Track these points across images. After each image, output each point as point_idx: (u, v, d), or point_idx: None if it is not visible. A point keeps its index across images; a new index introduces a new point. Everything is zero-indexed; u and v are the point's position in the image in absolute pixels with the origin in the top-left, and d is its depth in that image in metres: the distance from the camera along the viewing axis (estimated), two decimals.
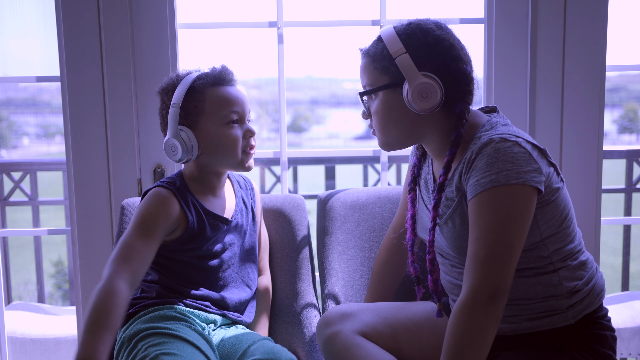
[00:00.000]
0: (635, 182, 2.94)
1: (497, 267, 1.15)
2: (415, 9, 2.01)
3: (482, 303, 1.14)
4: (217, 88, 1.47)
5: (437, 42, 1.27)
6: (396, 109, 1.29)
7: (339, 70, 22.47)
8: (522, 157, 1.18)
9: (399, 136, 1.32)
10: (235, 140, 1.46)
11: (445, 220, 1.30)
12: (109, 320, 1.22)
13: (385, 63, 1.29)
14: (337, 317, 1.38)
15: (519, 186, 1.16)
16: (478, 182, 1.19)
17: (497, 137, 1.20)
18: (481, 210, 1.17)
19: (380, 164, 1.99)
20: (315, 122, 21.63)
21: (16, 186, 3.04)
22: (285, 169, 1.99)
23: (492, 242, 1.16)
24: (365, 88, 1.33)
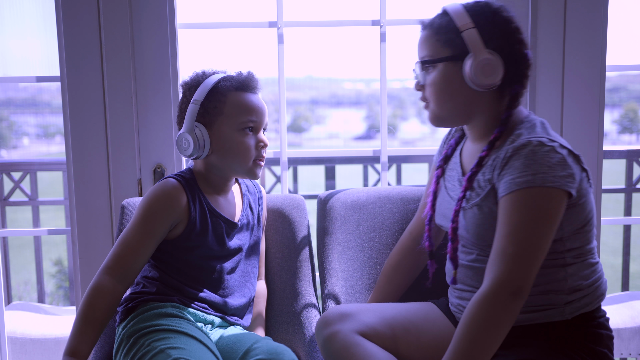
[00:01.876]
0: (635, 182, 2.94)
1: (523, 265, 1.18)
2: (415, 9, 2.01)
3: (504, 299, 1.17)
4: (239, 93, 1.48)
5: (504, 22, 1.32)
6: (454, 82, 1.32)
7: (339, 70, 22.47)
8: (558, 162, 1.21)
9: (452, 110, 1.35)
10: (246, 148, 1.47)
11: (471, 206, 1.32)
12: (93, 315, 1.34)
13: (450, 35, 1.31)
14: (336, 317, 1.38)
15: (553, 189, 1.20)
16: (514, 180, 1.21)
17: (536, 141, 1.23)
18: (514, 208, 1.20)
19: (380, 164, 1.99)
20: (315, 122, 21.64)
21: (16, 186, 3.04)
22: (285, 169, 1.99)
23: (522, 240, 1.18)
24: (425, 58, 1.35)
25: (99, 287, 1.36)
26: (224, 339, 1.46)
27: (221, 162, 1.49)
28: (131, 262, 1.40)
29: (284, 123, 1.95)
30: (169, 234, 1.46)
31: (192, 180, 1.50)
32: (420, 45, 1.38)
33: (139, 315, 1.42)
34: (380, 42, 1.93)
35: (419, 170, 4.65)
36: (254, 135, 1.49)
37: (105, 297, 1.36)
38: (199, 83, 1.48)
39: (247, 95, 1.49)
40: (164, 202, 1.43)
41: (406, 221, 1.74)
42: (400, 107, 22.09)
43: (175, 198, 1.44)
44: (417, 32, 1.41)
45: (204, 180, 1.52)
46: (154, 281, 1.48)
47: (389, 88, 1.96)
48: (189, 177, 1.50)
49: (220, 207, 1.53)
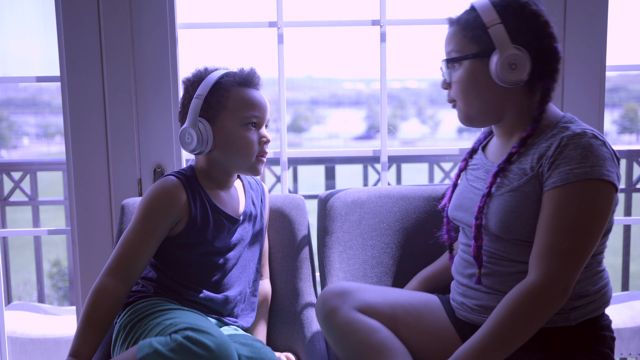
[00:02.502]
0: (635, 182, 2.94)
1: (575, 263, 1.17)
2: (415, 9, 2.01)
3: (552, 295, 1.16)
4: (242, 88, 1.49)
5: (533, 17, 1.30)
6: (481, 79, 1.31)
7: (339, 70, 22.47)
8: (609, 157, 1.21)
9: (480, 108, 1.33)
10: (249, 143, 1.47)
11: (502, 193, 1.29)
12: (95, 317, 1.35)
13: (477, 31, 1.30)
14: (336, 294, 1.37)
15: (608, 184, 1.19)
16: (572, 171, 1.19)
17: (591, 133, 1.22)
18: (571, 200, 1.18)
19: (380, 164, 1.99)
20: (315, 122, 21.65)
21: (16, 186, 3.04)
22: (285, 169, 1.99)
23: (577, 235, 1.17)
24: (451, 55, 1.34)
25: (102, 288, 1.37)
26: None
27: (224, 157, 1.49)
28: (133, 262, 1.40)
29: (284, 123, 1.95)
30: (170, 232, 1.46)
31: (193, 177, 1.50)
32: (447, 41, 1.36)
33: (134, 307, 1.43)
34: (380, 42, 1.93)
35: (419, 170, 4.64)
36: (257, 131, 1.49)
37: (108, 299, 1.37)
38: (201, 78, 1.48)
39: (250, 91, 1.49)
40: (164, 200, 1.44)
41: (407, 220, 1.74)
42: (400, 107, 22.09)
43: (174, 195, 1.45)
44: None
45: (206, 176, 1.52)
46: (152, 282, 1.48)
47: (389, 88, 1.96)
48: (189, 174, 1.50)
49: (223, 202, 1.52)
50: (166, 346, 1.21)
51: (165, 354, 1.20)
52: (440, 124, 21.96)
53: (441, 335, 1.39)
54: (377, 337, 1.30)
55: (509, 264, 1.31)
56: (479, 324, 1.35)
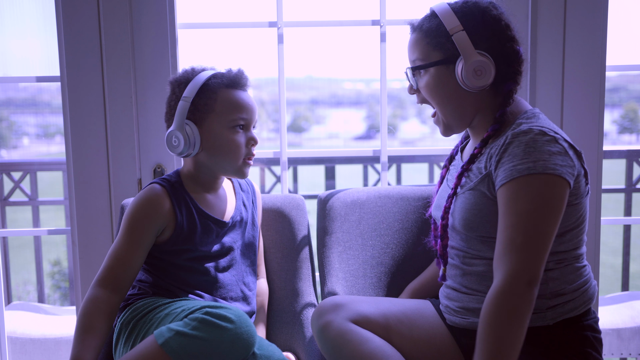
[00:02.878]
0: (635, 182, 2.94)
1: (534, 254, 1.17)
2: (415, 9, 2.01)
3: (520, 289, 1.16)
4: (230, 90, 1.47)
5: (494, 22, 1.31)
6: (447, 84, 1.32)
7: (339, 70, 22.49)
8: (559, 152, 1.21)
9: (453, 114, 1.35)
10: (237, 145, 1.47)
11: (464, 191, 1.33)
12: (91, 324, 1.33)
13: (440, 39, 1.31)
14: (330, 307, 1.38)
15: (554, 177, 1.19)
16: (515, 167, 1.21)
17: (537, 129, 1.23)
18: (517, 196, 1.19)
19: (380, 164, 1.99)
20: (315, 122, 21.65)
21: (16, 186, 3.04)
22: (285, 169, 1.99)
23: (529, 228, 1.17)
24: (416, 62, 1.36)
25: (94, 298, 1.36)
26: None
27: (211, 159, 1.48)
28: (122, 272, 1.40)
29: (284, 123, 1.95)
30: (157, 239, 1.46)
31: (178, 183, 1.49)
32: (410, 48, 1.38)
33: (135, 305, 1.43)
34: (380, 42, 1.93)
35: (419, 170, 4.64)
36: (244, 133, 1.48)
37: (102, 307, 1.36)
38: (188, 80, 1.47)
39: (237, 93, 1.48)
40: (147, 209, 1.43)
41: (406, 220, 1.74)
42: (400, 107, 22.09)
43: (158, 204, 1.44)
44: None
45: (192, 180, 1.51)
46: (148, 284, 1.48)
47: (389, 88, 1.96)
48: (174, 180, 1.49)
49: (210, 206, 1.52)
50: (187, 326, 1.22)
51: (188, 333, 1.21)
52: None
53: (435, 341, 1.40)
54: (370, 347, 1.31)
55: (481, 263, 1.33)
56: (463, 326, 1.37)
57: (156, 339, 1.22)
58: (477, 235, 1.32)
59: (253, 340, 1.26)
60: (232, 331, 1.22)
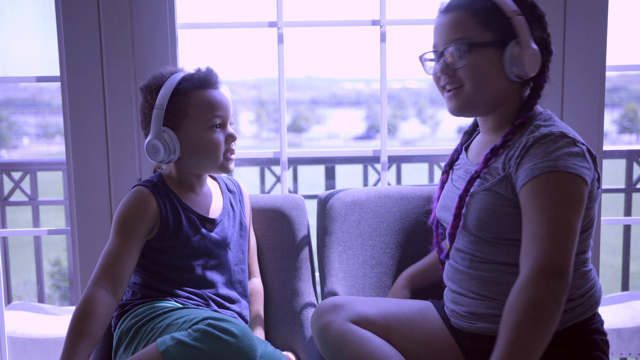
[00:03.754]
0: (635, 182, 2.94)
1: (557, 245, 1.14)
2: (415, 9, 2.00)
3: (543, 280, 1.12)
4: (201, 91, 1.48)
5: (541, 15, 1.32)
6: (492, 67, 1.30)
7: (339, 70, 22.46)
8: (577, 153, 1.21)
9: (484, 97, 1.32)
10: (217, 144, 1.47)
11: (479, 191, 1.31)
12: (86, 328, 1.30)
13: (495, 20, 1.29)
14: (329, 308, 1.38)
15: (575, 176, 1.19)
16: (535, 165, 1.20)
17: (558, 132, 1.23)
18: (539, 192, 1.18)
19: (380, 164, 1.99)
20: (315, 122, 21.65)
21: (16, 186, 3.04)
22: (285, 169, 1.99)
23: (552, 221, 1.16)
24: (459, 41, 1.30)
25: (91, 298, 1.34)
26: None
27: (192, 161, 1.49)
28: (119, 270, 1.39)
29: (284, 123, 1.95)
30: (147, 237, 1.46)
31: (160, 182, 1.51)
32: (450, 26, 1.32)
33: (134, 312, 1.42)
34: (380, 42, 1.93)
35: (419, 170, 4.64)
36: (222, 131, 1.49)
37: (98, 308, 1.33)
38: (159, 86, 1.47)
39: (209, 92, 1.48)
40: (137, 208, 1.44)
41: (406, 220, 1.74)
42: (400, 107, 22.09)
43: (146, 202, 1.45)
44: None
45: (175, 182, 1.53)
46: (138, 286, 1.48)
47: (389, 88, 1.96)
48: (156, 181, 1.51)
49: (195, 203, 1.53)
50: (189, 337, 1.21)
51: (190, 343, 1.20)
52: (440, 124, 21.96)
53: (436, 342, 1.39)
54: (370, 347, 1.31)
55: (490, 268, 1.32)
56: (470, 331, 1.36)
57: (158, 347, 1.22)
58: (489, 236, 1.30)
59: (255, 354, 1.25)
60: (234, 345, 1.21)
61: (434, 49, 1.37)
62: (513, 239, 1.28)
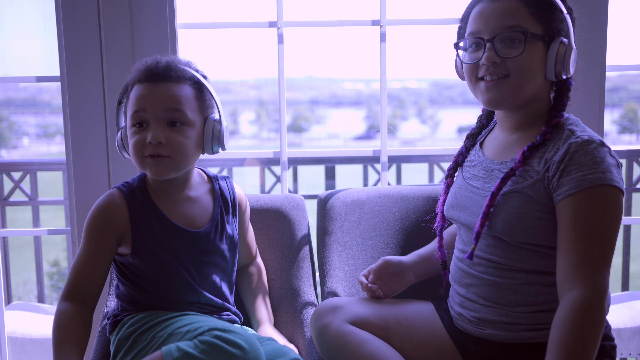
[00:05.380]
0: (635, 182, 2.94)
1: (607, 268, 1.17)
2: (415, 8, 2.00)
3: (602, 302, 1.15)
4: (139, 85, 1.36)
5: (575, 21, 1.32)
6: (538, 60, 1.27)
7: (339, 70, 22.47)
8: (615, 164, 1.21)
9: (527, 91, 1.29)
10: (132, 147, 1.36)
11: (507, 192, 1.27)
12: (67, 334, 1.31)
13: (547, 14, 1.27)
14: (328, 309, 1.38)
15: (618, 189, 1.19)
16: (585, 177, 1.18)
17: (598, 140, 1.22)
18: (589, 207, 1.17)
19: (380, 164, 1.99)
20: (315, 122, 21.65)
21: (16, 186, 3.03)
22: (285, 169, 1.99)
23: (604, 241, 1.17)
24: (515, 29, 1.25)
25: (63, 312, 1.33)
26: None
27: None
28: (85, 286, 1.35)
29: (284, 123, 1.95)
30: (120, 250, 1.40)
31: (140, 188, 1.41)
32: (504, 13, 1.26)
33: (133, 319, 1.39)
34: (380, 42, 1.93)
35: (419, 170, 4.64)
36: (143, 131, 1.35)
37: (72, 318, 1.32)
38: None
39: (143, 87, 1.35)
40: (102, 218, 1.38)
41: (406, 220, 1.74)
42: (400, 107, 22.09)
43: (111, 212, 1.38)
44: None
45: (151, 187, 1.43)
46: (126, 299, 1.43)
47: (389, 88, 1.96)
48: (136, 185, 1.42)
49: (176, 212, 1.42)
50: (196, 348, 1.19)
51: (196, 355, 1.18)
52: (440, 124, 21.96)
53: (435, 344, 1.39)
54: (369, 348, 1.31)
55: (507, 275, 1.29)
56: (477, 335, 1.34)
57: (164, 356, 1.19)
58: (514, 240, 1.27)
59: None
60: (240, 358, 1.20)
61: (477, 36, 1.29)
62: (537, 245, 1.26)
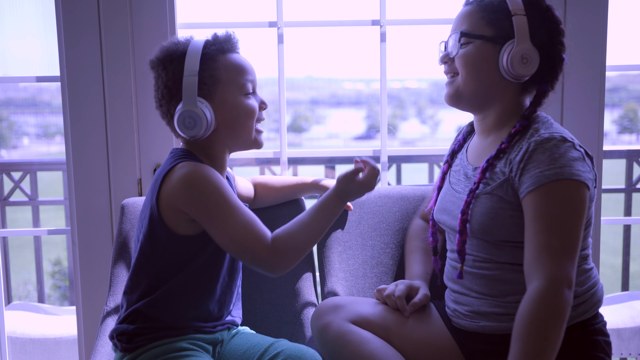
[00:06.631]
0: (635, 182, 2.94)
1: (569, 258, 1.18)
2: (415, 9, 2.00)
3: (561, 291, 1.16)
4: (229, 55, 1.35)
5: (554, 21, 1.33)
6: (486, 61, 1.32)
7: (339, 70, 22.43)
8: (579, 158, 1.23)
9: (474, 90, 1.34)
10: (253, 111, 1.35)
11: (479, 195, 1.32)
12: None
13: (498, 16, 1.31)
14: (329, 308, 1.38)
15: (580, 183, 1.21)
16: (542, 173, 1.21)
17: (559, 136, 1.24)
18: (548, 200, 1.20)
19: (380, 164, 1.99)
20: (315, 122, 21.64)
21: (16, 186, 3.04)
22: (285, 169, 1.99)
23: (564, 233, 1.19)
24: (458, 32, 1.34)
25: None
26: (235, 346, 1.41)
27: (225, 135, 1.35)
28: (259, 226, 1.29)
29: (284, 123, 1.95)
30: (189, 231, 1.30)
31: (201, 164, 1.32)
32: (460, 18, 1.36)
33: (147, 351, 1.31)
34: (380, 42, 1.93)
35: (419, 170, 4.64)
36: (254, 97, 1.38)
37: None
38: (181, 54, 1.31)
39: (237, 56, 1.37)
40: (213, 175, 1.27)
41: (406, 220, 1.73)
42: (400, 107, 22.08)
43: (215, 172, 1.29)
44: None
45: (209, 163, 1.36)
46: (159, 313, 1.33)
47: (389, 88, 1.96)
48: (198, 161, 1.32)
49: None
50: None
51: None
52: (440, 124, 21.96)
53: (436, 342, 1.39)
54: (370, 347, 1.31)
55: (494, 267, 1.32)
56: (472, 330, 1.36)
57: None
58: (492, 239, 1.31)
59: None
60: None
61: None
62: (515, 241, 1.28)
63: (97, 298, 1.93)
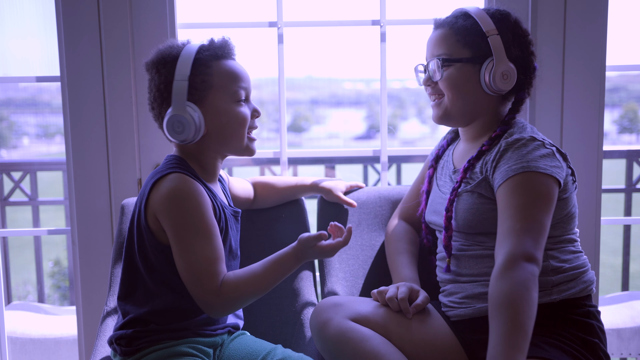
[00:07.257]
0: (635, 182, 2.94)
1: (531, 237, 1.24)
2: (415, 9, 2.00)
3: (519, 263, 1.21)
4: (222, 61, 1.35)
5: (523, 35, 1.43)
6: (469, 81, 1.41)
7: (339, 70, 22.42)
8: (547, 154, 1.32)
9: (460, 109, 1.44)
10: (244, 119, 1.35)
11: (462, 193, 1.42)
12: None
13: (473, 38, 1.40)
14: (329, 306, 1.38)
15: (545, 175, 1.29)
16: (510, 167, 1.31)
17: (528, 136, 1.35)
18: (514, 191, 1.29)
19: (380, 164, 1.99)
20: (315, 122, 21.63)
21: (16, 186, 3.04)
22: (286, 169, 1.99)
23: (526, 217, 1.26)
24: (441, 56, 1.42)
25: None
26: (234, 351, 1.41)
27: (216, 140, 1.35)
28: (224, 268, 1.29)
29: (284, 123, 1.95)
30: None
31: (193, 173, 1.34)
32: (435, 42, 1.44)
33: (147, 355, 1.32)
34: (380, 42, 1.93)
35: (419, 170, 4.64)
36: (247, 105, 1.38)
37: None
38: (174, 57, 1.32)
39: (231, 62, 1.36)
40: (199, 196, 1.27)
41: None
42: (400, 107, 22.08)
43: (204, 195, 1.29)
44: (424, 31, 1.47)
45: (200, 169, 1.37)
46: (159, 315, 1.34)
47: (389, 88, 1.96)
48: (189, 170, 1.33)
49: (220, 197, 1.40)
50: None
51: None
52: None
53: (436, 341, 1.39)
54: (371, 345, 1.31)
55: (479, 248, 1.40)
56: (469, 315, 1.39)
57: None
58: (476, 232, 1.40)
59: None
60: None
61: (424, 63, 1.49)
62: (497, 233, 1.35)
63: (97, 298, 1.93)
